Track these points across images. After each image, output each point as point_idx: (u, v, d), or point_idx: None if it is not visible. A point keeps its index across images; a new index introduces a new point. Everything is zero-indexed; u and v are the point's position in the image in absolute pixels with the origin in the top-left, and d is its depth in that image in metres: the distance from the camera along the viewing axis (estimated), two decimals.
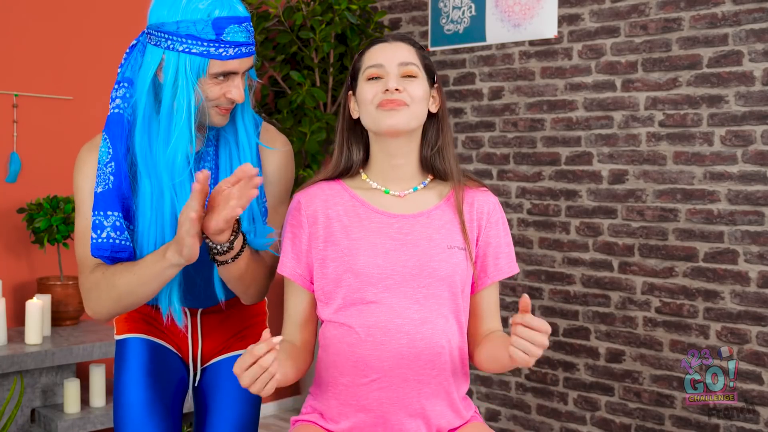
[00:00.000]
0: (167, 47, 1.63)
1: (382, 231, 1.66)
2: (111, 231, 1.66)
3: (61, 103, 3.44)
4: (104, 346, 3.04)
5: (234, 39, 1.63)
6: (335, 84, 4.03)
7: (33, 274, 3.35)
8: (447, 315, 1.66)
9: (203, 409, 1.96)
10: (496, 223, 1.74)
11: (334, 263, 1.66)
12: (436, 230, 1.67)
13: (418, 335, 1.62)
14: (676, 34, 3.24)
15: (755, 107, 3.06)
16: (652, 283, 3.32)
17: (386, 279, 1.64)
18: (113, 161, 1.68)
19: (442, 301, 1.66)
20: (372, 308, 1.63)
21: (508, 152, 3.74)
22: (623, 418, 3.40)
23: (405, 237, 1.66)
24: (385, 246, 1.65)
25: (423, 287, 1.64)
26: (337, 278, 1.66)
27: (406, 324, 1.62)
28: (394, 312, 1.63)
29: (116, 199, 1.67)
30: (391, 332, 1.62)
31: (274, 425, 3.96)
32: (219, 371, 1.97)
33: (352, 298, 1.65)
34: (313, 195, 1.72)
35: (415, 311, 1.63)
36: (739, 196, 3.10)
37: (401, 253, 1.64)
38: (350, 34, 3.95)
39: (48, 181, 3.39)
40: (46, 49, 3.39)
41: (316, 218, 1.70)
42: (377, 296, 1.63)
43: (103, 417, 3.02)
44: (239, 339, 2.01)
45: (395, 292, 1.63)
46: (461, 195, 1.71)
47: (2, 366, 2.82)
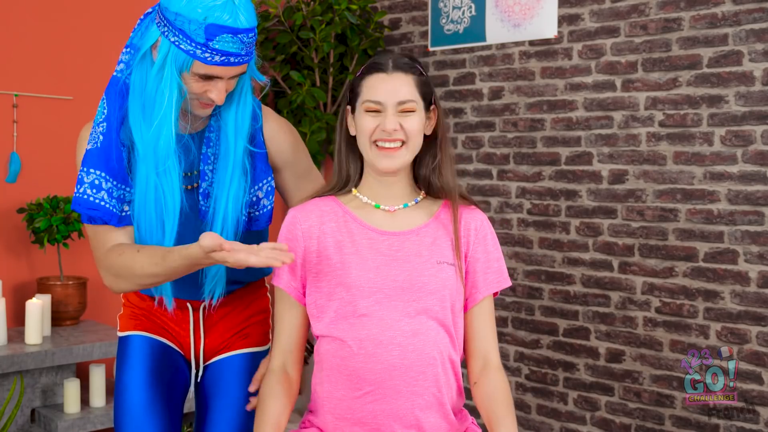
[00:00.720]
0: (163, 32, 1.65)
1: (373, 247, 1.70)
2: (88, 188, 1.71)
3: (61, 103, 3.44)
4: (104, 346, 3.04)
5: (222, 48, 1.62)
6: (335, 84, 4.03)
7: (33, 274, 3.35)
8: (438, 328, 1.68)
9: (204, 406, 1.96)
10: (484, 238, 1.76)
11: (327, 277, 1.70)
12: (426, 247, 1.70)
13: (410, 346, 1.64)
14: (676, 34, 3.24)
15: (755, 107, 3.06)
16: (652, 283, 3.32)
17: (377, 292, 1.66)
18: (105, 121, 1.72)
19: (432, 314, 1.68)
20: (364, 321, 1.66)
21: (508, 152, 3.74)
22: (623, 418, 3.40)
23: (395, 253, 1.69)
24: (376, 261, 1.68)
25: (413, 301, 1.67)
26: (329, 292, 1.70)
27: (397, 336, 1.64)
28: (386, 324, 1.65)
29: (100, 158, 1.70)
30: (383, 344, 1.64)
31: None
32: (221, 369, 1.96)
33: (344, 311, 1.67)
34: (308, 211, 1.76)
35: (406, 323, 1.65)
36: (739, 196, 3.10)
37: (392, 268, 1.68)
38: (350, 34, 3.95)
39: (48, 181, 3.39)
40: (46, 49, 3.39)
41: (310, 234, 1.74)
42: (369, 309, 1.66)
43: (103, 417, 3.02)
44: (242, 337, 2.00)
45: (386, 305, 1.66)
46: (457, 212, 1.74)
47: (2, 366, 2.82)
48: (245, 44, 1.65)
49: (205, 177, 1.81)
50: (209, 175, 1.80)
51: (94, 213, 1.72)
